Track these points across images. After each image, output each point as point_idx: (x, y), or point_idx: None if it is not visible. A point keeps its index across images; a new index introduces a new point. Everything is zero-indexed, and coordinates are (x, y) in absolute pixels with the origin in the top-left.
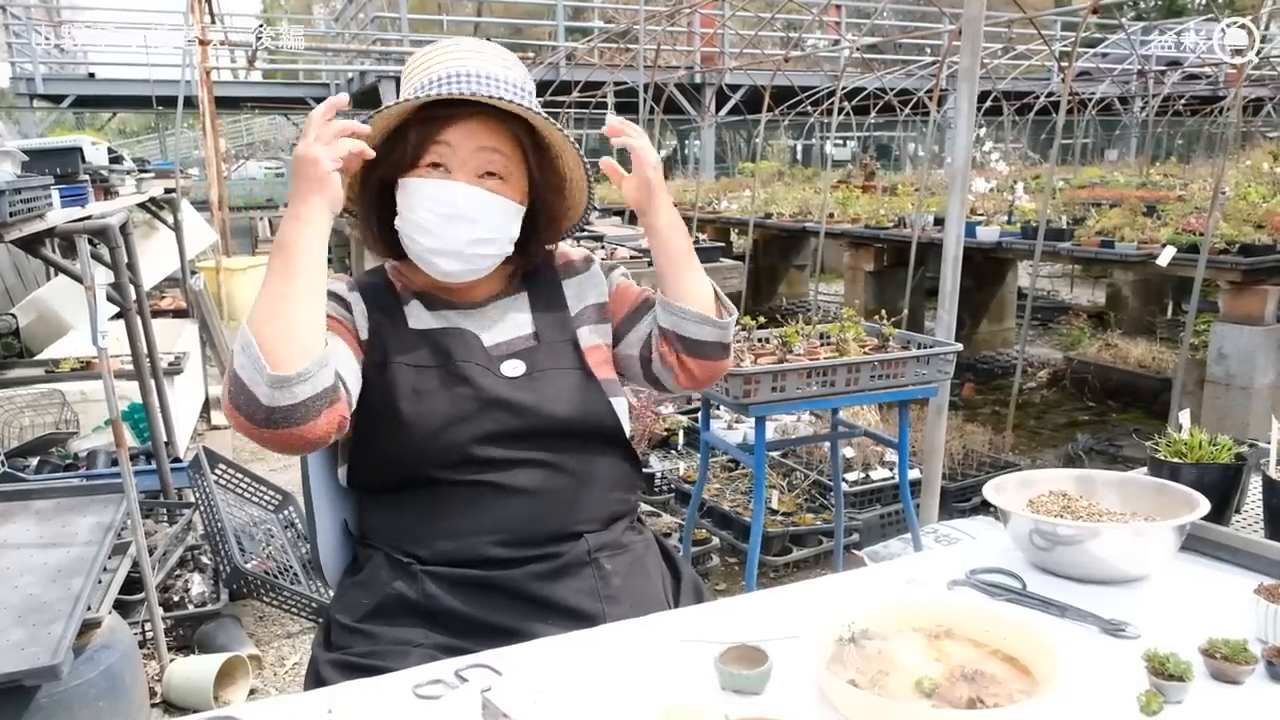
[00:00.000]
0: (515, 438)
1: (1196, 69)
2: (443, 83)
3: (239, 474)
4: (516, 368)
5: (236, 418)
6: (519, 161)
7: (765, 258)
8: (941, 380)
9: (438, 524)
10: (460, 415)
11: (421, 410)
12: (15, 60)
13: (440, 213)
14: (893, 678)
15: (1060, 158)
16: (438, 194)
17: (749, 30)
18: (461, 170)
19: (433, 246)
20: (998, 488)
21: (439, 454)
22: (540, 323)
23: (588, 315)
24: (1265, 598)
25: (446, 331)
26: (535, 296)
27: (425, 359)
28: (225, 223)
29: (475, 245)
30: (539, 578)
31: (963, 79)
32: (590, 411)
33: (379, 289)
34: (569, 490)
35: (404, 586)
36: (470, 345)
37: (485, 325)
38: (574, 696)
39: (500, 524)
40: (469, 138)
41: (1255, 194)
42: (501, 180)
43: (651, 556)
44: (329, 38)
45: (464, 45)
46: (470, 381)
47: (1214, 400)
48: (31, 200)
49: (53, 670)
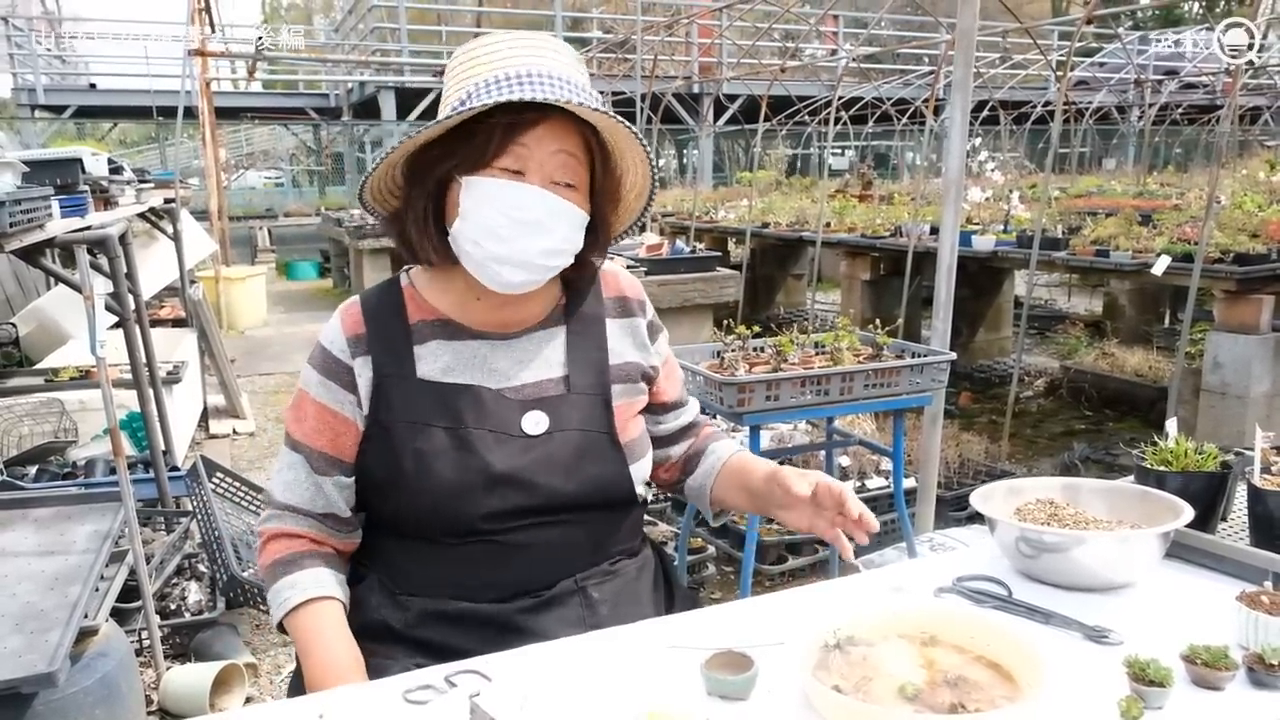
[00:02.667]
0: (523, 512)
1: (1193, 78)
2: (523, 81)
3: (236, 482)
4: (538, 422)
5: None
6: (587, 168)
7: (762, 267)
8: (936, 389)
9: (431, 569)
10: (466, 488)
11: (425, 478)
12: (17, 71)
13: (515, 217)
14: (876, 683)
15: (1057, 167)
16: (515, 197)
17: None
18: (538, 174)
19: (500, 253)
20: (985, 496)
21: (441, 524)
22: (574, 367)
23: (626, 372)
24: (1247, 604)
25: (459, 389)
26: (575, 334)
27: (433, 416)
28: (225, 232)
29: (546, 256)
30: (524, 610)
31: (956, 89)
32: (607, 484)
33: (390, 326)
34: (572, 546)
35: (389, 614)
36: (484, 405)
37: (514, 360)
38: (562, 701)
39: (497, 577)
40: (547, 140)
41: (1251, 203)
42: (573, 189)
43: (645, 578)
44: (329, 48)
45: (534, 41)
46: (479, 453)
47: (1209, 409)
48: (31, 211)
49: (50, 678)
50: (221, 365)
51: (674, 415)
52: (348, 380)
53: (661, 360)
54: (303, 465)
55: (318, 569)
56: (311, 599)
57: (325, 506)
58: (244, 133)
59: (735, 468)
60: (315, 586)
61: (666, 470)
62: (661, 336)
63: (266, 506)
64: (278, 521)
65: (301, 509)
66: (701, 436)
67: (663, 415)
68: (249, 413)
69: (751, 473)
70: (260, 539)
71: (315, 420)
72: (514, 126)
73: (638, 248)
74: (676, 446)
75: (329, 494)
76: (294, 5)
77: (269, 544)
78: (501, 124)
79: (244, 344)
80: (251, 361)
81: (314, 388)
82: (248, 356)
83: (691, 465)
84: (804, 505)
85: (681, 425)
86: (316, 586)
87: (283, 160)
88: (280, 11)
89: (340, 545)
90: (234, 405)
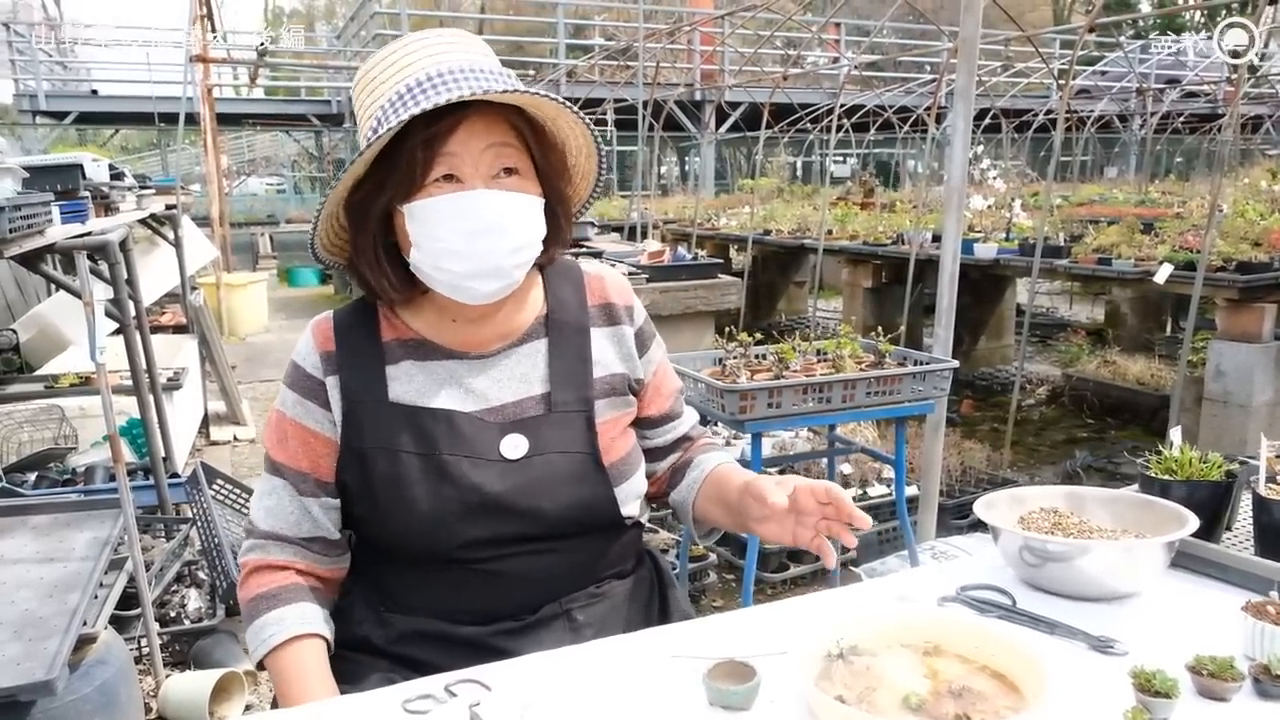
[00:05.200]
0: (503, 540)
1: (1195, 86)
2: (424, 87)
3: (236, 489)
4: (517, 446)
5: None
6: (525, 151)
7: (764, 274)
8: (938, 397)
9: (413, 591)
10: (443, 516)
11: (399, 505)
12: (19, 77)
13: (467, 229)
14: (880, 693)
15: (1059, 175)
16: (459, 208)
17: (749, 48)
18: (475, 176)
19: (466, 270)
20: (989, 504)
21: (418, 551)
22: (556, 383)
23: (612, 385)
24: (1253, 615)
25: (432, 413)
26: (556, 345)
27: (406, 443)
28: (226, 239)
29: (513, 254)
30: (507, 633)
31: (959, 97)
32: (591, 507)
33: (362, 347)
34: (556, 572)
35: (371, 629)
36: (458, 430)
37: (491, 380)
38: (562, 711)
39: (479, 602)
40: (473, 140)
41: (1253, 211)
42: (518, 175)
43: (638, 597)
44: (331, 54)
45: (430, 39)
46: (455, 480)
47: (1212, 417)
48: (32, 216)
49: (48, 685)
50: (222, 372)
51: (664, 430)
52: (323, 398)
53: (652, 370)
54: (285, 489)
55: (304, 604)
56: (296, 636)
57: (312, 530)
58: (246, 139)
59: (715, 480)
60: (300, 623)
61: (653, 483)
62: (654, 344)
63: (249, 535)
64: (260, 553)
65: (286, 536)
66: (692, 448)
67: (650, 430)
68: (250, 419)
69: (728, 486)
70: (241, 571)
71: (295, 442)
72: (434, 138)
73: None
74: (664, 461)
75: (316, 516)
76: (296, 12)
77: (252, 577)
78: (420, 140)
79: (245, 350)
80: (252, 368)
81: (291, 408)
82: (249, 363)
83: (677, 479)
84: (783, 516)
85: (672, 439)
86: (301, 623)
87: (284, 167)
88: (283, 18)
89: (326, 573)
90: (235, 412)
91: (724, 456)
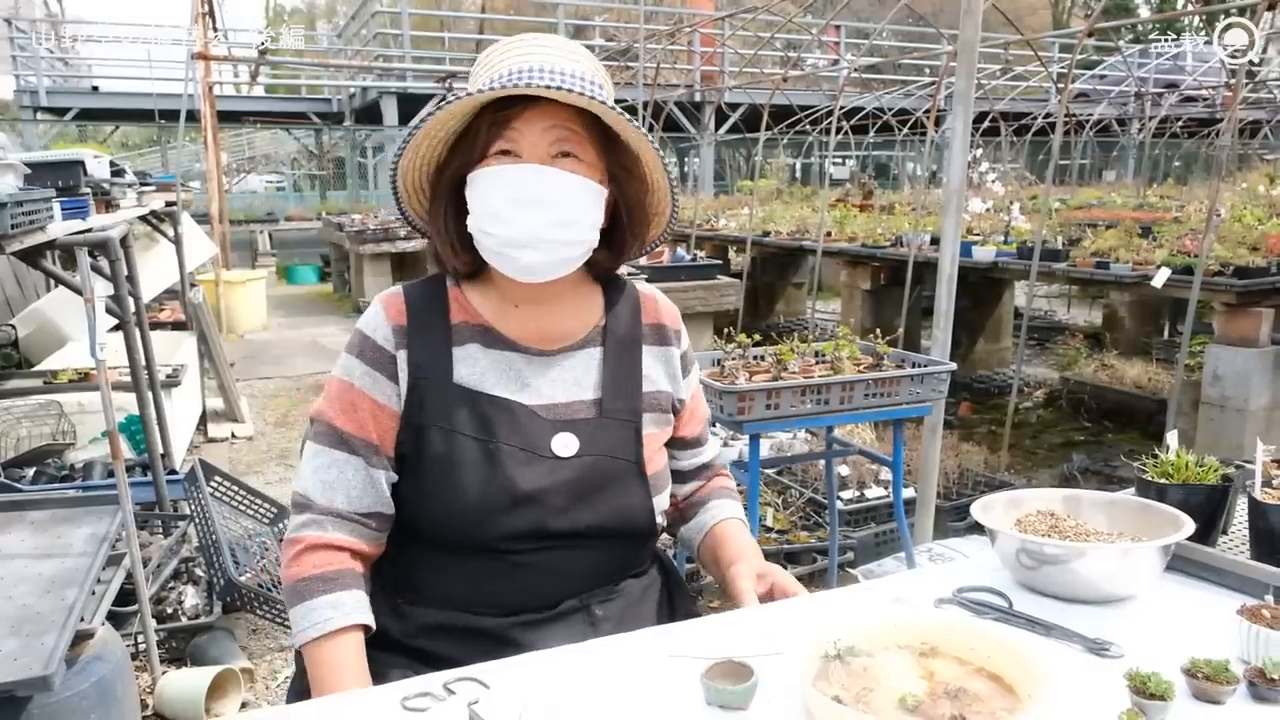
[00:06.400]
0: (542, 535)
1: (1193, 91)
2: (508, 78)
3: (234, 486)
4: (568, 444)
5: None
6: (593, 143)
7: (763, 275)
8: (936, 399)
9: (437, 579)
10: (490, 508)
11: (450, 489)
12: (20, 73)
13: (512, 196)
14: (877, 694)
15: (1057, 178)
16: (508, 178)
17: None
18: (532, 153)
19: (508, 236)
20: (986, 507)
21: (458, 536)
22: (608, 391)
23: (658, 401)
24: (1248, 618)
25: (493, 400)
26: (610, 355)
27: (464, 425)
28: (225, 236)
29: (554, 229)
30: (526, 626)
31: (958, 101)
32: (630, 513)
33: (432, 325)
34: (584, 569)
35: (388, 622)
36: (517, 421)
37: (548, 378)
38: (560, 710)
39: (503, 593)
40: (537, 119)
41: (1251, 216)
42: (577, 160)
43: (651, 594)
44: (331, 53)
45: (529, 41)
46: (507, 470)
47: (1209, 422)
48: (33, 212)
49: (45, 681)
50: (221, 369)
51: (691, 454)
52: (392, 371)
53: (690, 394)
54: (351, 462)
55: (359, 591)
56: (349, 626)
57: (373, 504)
58: (246, 137)
59: (718, 538)
60: (357, 612)
61: (671, 506)
62: (694, 370)
63: (303, 510)
64: (318, 530)
65: (345, 512)
66: (708, 486)
67: (680, 452)
68: (248, 417)
69: (723, 553)
70: (295, 547)
71: (365, 413)
72: (502, 116)
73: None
74: (685, 486)
75: (381, 489)
76: (296, 10)
77: (307, 554)
78: (489, 117)
79: (243, 348)
80: (251, 365)
81: (360, 378)
82: (247, 360)
83: (690, 514)
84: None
85: (697, 465)
86: (359, 612)
87: (284, 164)
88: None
89: (372, 550)
90: (233, 409)
91: (732, 506)
